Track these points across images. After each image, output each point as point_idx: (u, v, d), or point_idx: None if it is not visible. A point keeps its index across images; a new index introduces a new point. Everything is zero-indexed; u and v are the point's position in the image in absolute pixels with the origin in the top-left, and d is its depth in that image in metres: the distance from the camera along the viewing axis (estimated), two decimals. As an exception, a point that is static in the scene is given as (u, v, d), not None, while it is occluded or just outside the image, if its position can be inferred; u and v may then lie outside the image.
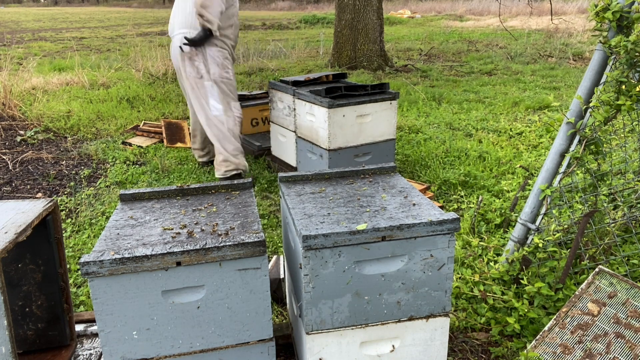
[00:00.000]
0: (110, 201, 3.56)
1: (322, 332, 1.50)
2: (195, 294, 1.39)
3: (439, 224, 1.45)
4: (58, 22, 24.11)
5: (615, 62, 2.07)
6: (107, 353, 1.38)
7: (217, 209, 1.66)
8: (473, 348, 2.05)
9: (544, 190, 2.27)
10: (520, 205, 3.03)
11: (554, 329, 1.84)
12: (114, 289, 1.32)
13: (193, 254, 1.33)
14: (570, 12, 17.03)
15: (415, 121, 5.54)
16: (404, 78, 8.32)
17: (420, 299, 1.53)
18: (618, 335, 1.76)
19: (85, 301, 2.42)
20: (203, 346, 1.44)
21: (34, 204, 1.65)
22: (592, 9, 2.09)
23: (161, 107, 6.25)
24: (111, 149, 4.72)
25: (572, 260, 2.15)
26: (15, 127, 5.40)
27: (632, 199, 2.46)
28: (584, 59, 9.66)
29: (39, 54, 11.51)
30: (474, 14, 21.31)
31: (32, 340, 1.81)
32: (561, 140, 2.25)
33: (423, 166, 4.12)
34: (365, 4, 8.79)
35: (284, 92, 3.74)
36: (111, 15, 30.87)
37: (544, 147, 4.52)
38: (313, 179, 1.90)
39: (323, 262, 1.41)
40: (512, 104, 6.21)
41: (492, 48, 11.73)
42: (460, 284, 2.31)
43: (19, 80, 6.84)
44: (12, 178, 4.10)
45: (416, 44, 12.77)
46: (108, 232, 1.49)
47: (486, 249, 2.68)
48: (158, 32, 16.47)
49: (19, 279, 1.72)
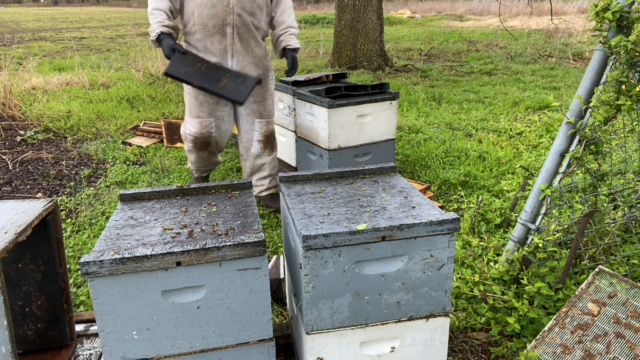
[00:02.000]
0: (110, 201, 3.56)
1: (322, 332, 1.50)
2: (195, 294, 1.39)
3: (439, 224, 1.45)
4: (58, 22, 24.11)
5: (615, 62, 2.07)
6: (107, 353, 1.38)
7: (217, 209, 1.66)
8: (473, 348, 2.05)
9: (544, 190, 2.27)
10: (520, 205, 3.03)
11: (554, 329, 1.84)
12: (114, 289, 1.32)
13: (193, 254, 1.33)
14: (570, 12, 17.03)
15: (415, 121, 5.53)
16: (404, 78, 8.32)
17: (420, 299, 1.53)
18: (618, 335, 1.76)
19: (85, 301, 2.42)
20: (203, 346, 1.44)
21: (34, 204, 1.65)
22: (592, 9, 2.09)
23: (161, 107, 6.25)
24: (111, 149, 4.72)
25: (572, 260, 2.15)
26: (15, 127, 5.40)
27: (632, 199, 2.46)
28: (584, 59, 9.66)
29: (39, 54, 11.51)
30: (474, 14, 21.31)
31: (32, 340, 1.81)
32: (561, 140, 2.25)
33: (423, 166, 4.12)
34: (365, 4, 8.79)
35: (284, 92, 3.73)
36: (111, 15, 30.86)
37: (544, 147, 4.52)
38: (313, 179, 1.90)
39: (323, 262, 1.41)
40: (512, 104, 6.21)
41: (492, 48, 11.73)
42: (460, 284, 2.31)
43: (19, 80, 6.83)
44: (12, 178, 4.10)
45: (416, 44, 12.77)
46: (108, 232, 1.49)
47: (486, 249, 2.68)
48: (158, 32, 16.43)
49: (19, 279, 1.72)
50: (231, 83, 2.85)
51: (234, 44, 2.98)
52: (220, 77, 2.84)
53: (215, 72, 2.86)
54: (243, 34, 2.97)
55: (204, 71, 2.82)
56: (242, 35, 2.97)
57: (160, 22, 2.81)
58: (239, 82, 2.87)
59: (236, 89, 2.84)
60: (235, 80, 2.87)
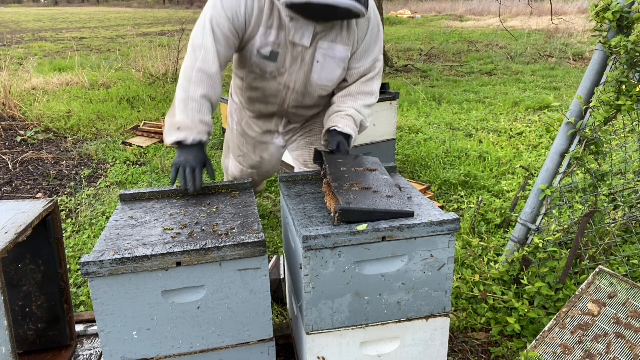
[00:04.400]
0: (110, 201, 3.56)
1: (322, 332, 1.50)
2: (195, 294, 1.39)
3: (439, 224, 1.45)
4: (58, 22, 24.10)
5: (615, 62, 2.07)
6: (107, 353, 1.38)
7: (217, 209, 1.66)
8: (473, 348, 2.05)
9: (544, 190, 2.27)
10: (520, 205, 3.03)
11: (554, 329, 1.84)
12: (114, 289, 1.32)
13: (193, 254, 1.33)
14: (570, 12, 17.03)
15: (415, 121, 5.53)
16: (404, 78, 8.32)
17: (420, 299, 1.53)
18: (618, 335, 1.76)
19: (85, 301, 2.42)
20: (203, 346, 1.44)
21: (34, 204, 1.65)
22: (592, 9, 2.09)
23: (161, 107, 6.25)
24: (111, 149, 4.72)
25: (572, 260, 2.15)
26: (15, 127, 5.40)
27: (632, 199, 2.46)
28: (584, 59, 9.66)
29: (39, 54, 11.51)
30: (474, 14, 21.31)
31: (32, 340, 1.81)
32: (561, 140, 2.25)
33: (423, 166, 4.12)
34: (365, 4, 8.78)
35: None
36: (111, 15, 30.86)
37: (544, 147, 4.52)
38: (313, 179, 1.90)
39: (323, 262, 1.41)
40: (512, 104, 6.21)
41: (492, 48, 11.73)
42: (460, 284, 2.31)
43: (19, 80, 6.83)
44: (12, 178, 4.10)
45: (416, 44, 12.77)
46: (108, 232, 1.49)
47: (486, 249, 2.68)
48: (158, 32, 16.47)
49: (19, 279, 1.72)
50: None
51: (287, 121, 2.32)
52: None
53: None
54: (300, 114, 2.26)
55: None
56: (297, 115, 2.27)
57: (201, 119, 1.83)
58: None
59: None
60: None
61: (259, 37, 1.91)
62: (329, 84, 2.04)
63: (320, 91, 2.07)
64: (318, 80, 2.02)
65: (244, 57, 2.01)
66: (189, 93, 1.82)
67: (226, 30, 1.85)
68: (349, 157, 1.86)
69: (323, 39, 1.94)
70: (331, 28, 1.93)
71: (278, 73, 1.99)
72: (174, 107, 1.85)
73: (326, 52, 1.96)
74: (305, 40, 1.91)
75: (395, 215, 1.44)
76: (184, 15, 22.10)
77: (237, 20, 1.85)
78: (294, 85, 2.03)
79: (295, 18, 1.85)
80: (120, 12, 34.43)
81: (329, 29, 1.92)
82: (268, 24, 1.89)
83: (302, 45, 1.93)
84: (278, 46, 1.93)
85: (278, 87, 2.04)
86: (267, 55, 1.94)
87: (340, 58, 1.98)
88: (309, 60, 1.97)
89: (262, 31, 1.90)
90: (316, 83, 2.03)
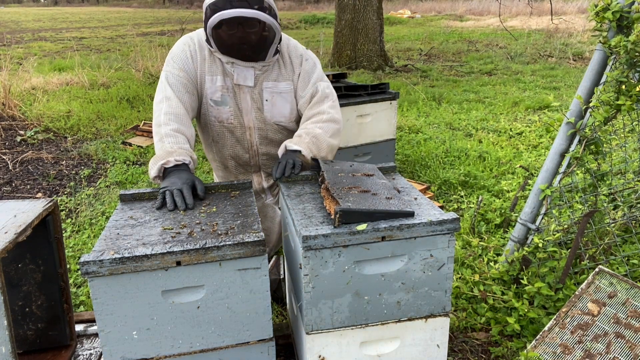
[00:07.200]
0: (110, 201, 3.56)
1: (322, 332, 1.50)
2: (195, 294, 1.39)
3: (439, 224, 1.45)
4: (58, 22, 24.11)
5: (615, 62, 2.07)
6: (107, 353, 1.38)
7: (217, 208, 1.66)
8: (473, 348, 2.05)
9: (544, 190, 2.27)
10: (520, 205, 3.03)
11: (554, 329, 1.84)
12: (114, 289, 1.32)
13: (193, 253, 1.33)
14: (570, 12, 17.03)
15: (415, 121, 5.53)
16: (404, 78, 8.32)
17: (420, 299, 1.53)
18: (618, 335, 1.76)
19: (85, 301, 2.42)
20: (203, 346, 1.44)
21: (34, 204, 1.65)
22: (592, 9, 2.09)
23: (161, 107, 6.24)
24: (111, 149, 4.72)
25: (572, 260, 2.15)
26: (15, 127, 5.40)
27: (632, 199, 2.46)
28: (584, 59, 9.67)
29: (38, 54, 11.51)
30: (474, 14, 21.31)
31: (32, 340, 1.81)
32: (561, 140, 2.25)
33: (423, 166, 4.12)
34: (365, 4, 8.79)
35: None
36: (111, 15, 30.87)
37: (544, 147, 4.52)
38: (313, 179, 1.90)
39: (323, 262, 1.41)
40: (512, 104, 6.21)
41: (492, 48, 11.73)
42: (460, 284, 2.31)
43: (19, 80, 6.84)
44: (12, 178, 4.10)
45: (416, 44, 12.77)
46: (108, 232, 1.49)
47: (486, 249, 2.68)
48: (158, 32, 16.46)
49: (19, 279, 1.72)
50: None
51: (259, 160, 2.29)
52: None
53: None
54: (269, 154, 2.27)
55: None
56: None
57: (180, 147, 1.88)
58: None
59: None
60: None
61: (208, 85, 2.07)
62: (282, 119, 2.17)
63: (277, 127, 2.19)
64: (271, 117, 2.15)
65: (203, 114, 2.15)
66: (162, 133, 1.92)
67: (183, 79, 2.01)
68: (345, 164, 1.91)
69: (266, 79, 2.10)
70: (271, 68, 2.10)
71: (234, 117, 2.12)
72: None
73: (273, 90, 2.12)
74: (249, 82, 2.07)
75: (395, 216, 1.45)
76: (184, 15, 22.11)
77: (189, 69, 2.03)
78: (253, 124, 2.15)
79: (234, 62, 2.03)
80: (120, 12, 34.43)
81: (269, 69, 2.10)
82: (212, 71, 2.06)
83: (248, 86, 2.09)
84: (227, 90, 2.07)
85: (242, 130, 2.16)
86: (218, 101, 2.09)
87: (286, 92, 2.14)
88: (258, 99, 2.12)
89: (209, 78, 2.07)
90: (270, 119, 2.16)
